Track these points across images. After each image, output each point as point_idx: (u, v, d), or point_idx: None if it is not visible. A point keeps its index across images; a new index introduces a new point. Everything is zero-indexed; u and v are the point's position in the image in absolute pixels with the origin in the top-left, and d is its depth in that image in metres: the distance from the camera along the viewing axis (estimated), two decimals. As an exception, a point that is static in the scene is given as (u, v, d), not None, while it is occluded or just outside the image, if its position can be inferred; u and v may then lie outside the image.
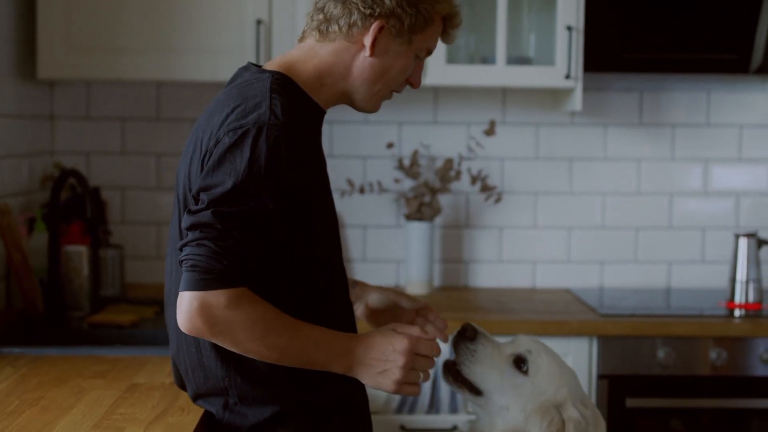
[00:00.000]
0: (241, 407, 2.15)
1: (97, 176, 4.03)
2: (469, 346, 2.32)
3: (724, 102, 4.16)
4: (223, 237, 1.96)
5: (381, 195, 4.08)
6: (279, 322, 2.04)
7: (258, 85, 2.11)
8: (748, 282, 3.77)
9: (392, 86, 2.26)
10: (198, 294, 1.96)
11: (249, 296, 2.00)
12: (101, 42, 3.66)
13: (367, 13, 2.15)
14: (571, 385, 2.30)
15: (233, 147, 2.01)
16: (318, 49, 2.21)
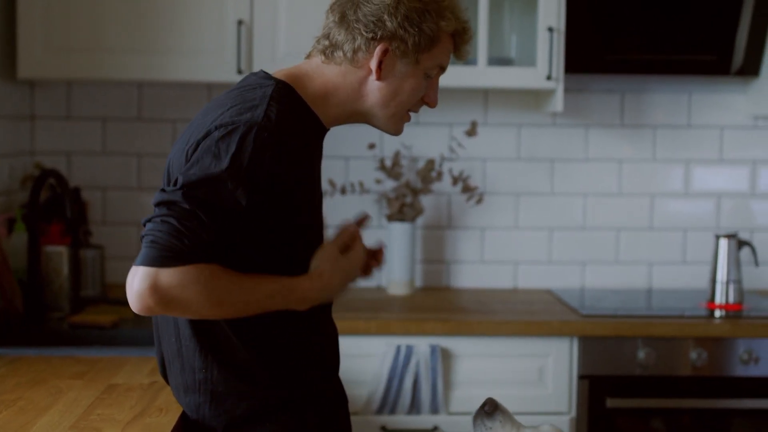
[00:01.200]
0: (216, 402, 2.14)
1: (78, 176, 4.01)
2: (486, 423, 2.24)
3: (705, 103, 4.18)
4: (188, 217, 1.95)
5: (362, 195, 4.08)
6: (233, 288, 2.02)
7: (260, 90, 2.12)
8: (729, 283, 3.79)
9: (406, 107, 2.26)
10: (152, 271, 1.93)
11: (202, 273, 1.96)
12: (82, 42, 3.65)
13: (370, 36, 2.16)
14: None
15: (220, 141, 2.01)
16: (325, 69, 2.22)
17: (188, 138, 2.11)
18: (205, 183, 1.98)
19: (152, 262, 1.93)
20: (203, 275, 1.96)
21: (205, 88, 4.03)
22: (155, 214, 1.98)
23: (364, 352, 3.42)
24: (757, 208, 4.20)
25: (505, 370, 3.48)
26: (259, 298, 2.06)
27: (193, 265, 1.95)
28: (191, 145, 2.06)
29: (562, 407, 3.49)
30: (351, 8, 2.19)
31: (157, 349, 2.30)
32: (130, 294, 1.96)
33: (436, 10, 2.19)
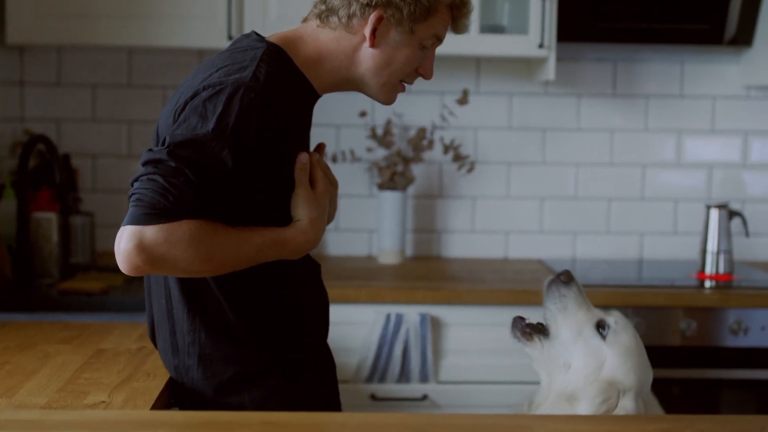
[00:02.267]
0: (204, 365, 2.14)
1: (68, 143, 3.99)
2: (561, 290, 2.25)
3: (698, 73, 4.16)
4: (174, 174, 1.94)
5: (354, 164, 4.07)
6: (222, 243, 2.00)
7: (250, 52, 2.11)
8: (719, 253, 3.79)
9: (400, 76, 2.24)
10: (137, 229, 1.92)
11: (189, 229, 1.95)
12: (72, 7, 3.62)
13: (365, 2, 2.14)
14: (642, 375, 2.18)
15: (207, 101, 1.99)
16: (319, 33, 2.20)
17: (177, 99, 2.09)
18: (192, 143, 1.96)
19: (137, 220, 1.92)
20: (190, 231, 1.95)
21: (196, 54, 4.01)
22: (141, 173, 1.97)
23: (354, 320, 3.42)
24: (749, 179, 4.20)
25: (495, 339, 3.47)
26: (249, 251, 2.04)
27: (179, 222, 1.94)
28: (179, 106, 2.04)
29: (552, 376, 3.50)
30: None
31: (147, 312, 2.29)
32: (118, 254, 1.95)
33: None
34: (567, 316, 2.24)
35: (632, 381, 2.16)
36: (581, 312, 2.24)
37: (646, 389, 2.21)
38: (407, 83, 2.29)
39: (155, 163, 1.96)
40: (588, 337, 2.20)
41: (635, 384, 2.16)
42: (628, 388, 2.15)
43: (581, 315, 2.24)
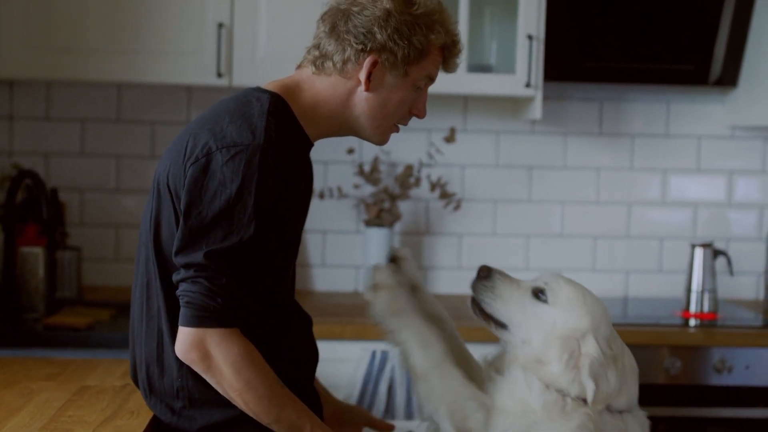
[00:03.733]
0: (190, 410, 2.15)
1: (56, 177, 4.00)
2: (486, 284, 2.29)
3: (683, 113, 4.20)
4: (216, 276, 2.02)
5: (341, 200, 4.08)
6: (265, 369, 2.07)
7: (256, 104, 2.13)
8: (704, 292, 3.80)
9: (395, 119, 2.28)
10: (193, 330, 2.03)
11: (241, 340, 2.05)
12: (61, 42, 3.64)
13: (360, 48, 2.17)
14: (595, 315, 2.21)
15: (225, 166, 2.03)
16: (315, 80, 2.23)
17: (183, 147, 2.11)
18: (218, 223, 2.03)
19: (190, 322, 2.03)
20: (242, 346, 2.05)
21: (185, 90, 4.03)
22: (184, 275, 2.06)
23: (340, 357, 3.42)
24: (734, 218, 4.23)
25: (480, 376, 3.47)
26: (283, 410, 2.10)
27: (233, 330, 2.04)
28: (190, 159, 2.07)
29: (537, 414, 3.50)
30: (342, 19, 2.20)
31: (130, 352, 2.30)
32: (178, 349, 2.08)
33: (427, 23, 2.20)
34: (505, 302, 2.27)
35: (586, 324, 2.19)
36: (515, 292, 2.27)
37: (603, 328, 2.22)
38: (401, 125, 2.32)
39: (196, 267, 2.03)
40: (532, 308, 2.23)
41: (589, 325, 2.19)
42: (585, 332, 2.18)
43: (516, 294, 2.27)
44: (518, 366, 2.21)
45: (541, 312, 2.22)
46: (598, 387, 2.13)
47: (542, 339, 2.20)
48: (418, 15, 2.19)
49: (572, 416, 2.14)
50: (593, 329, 2.18)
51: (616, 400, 2.19)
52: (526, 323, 2.22)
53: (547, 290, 2.24)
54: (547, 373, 2.18)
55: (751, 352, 3.52)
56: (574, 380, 2.15)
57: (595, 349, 2.15)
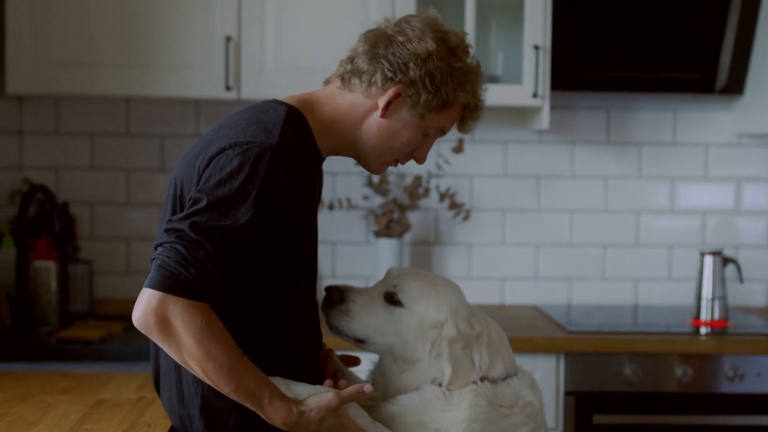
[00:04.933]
0: (207, 415, 2.15)
1: (66, 191, 4.02)
2: (341, 308, 2.27)
3: (690, 121, 4.21)
4: (194, 247, 1.98)
5: (350, 211, 4.10)
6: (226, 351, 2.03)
7: (273, 113, 2.15)
8: (714, 300, 3.81)
9: (396, 154, 2.28)
10: (158, 294, 1.97)
11: (206, 312, 2.01)
12: (70, 57, 3.66)
13: (389, 76, 2.18)
14: (451, 303, 2.24)
15: (234, 159, 2.03)
16: (337, 95, 2.24)
17: (198, 152, 2.13)
18: (213, 208, 2.01)
19: (158, 285, 1.98)
20: (206, 317, 2.00)
21: (193, 104, 4.04)
22: (165, 239, 2.02)
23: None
24: (742, 225, 4.23)
25: (492, 385, 3.48)
26: (244, 381, 2.05)
27: (200, 306, 1.99)
28: (203, 160, 2.08)
29: (549, 423, 3.50)
30: (384, 43, 2.21)
31: (152, 360, 2.31)
32: (135, 312, 2.01)
33: (460, 79, 2.21)
34: (362, 320, 2.26)
35: (444, 313, 2.22)
36: (368, 305, 2.27)
37: (461, 310, 2.25)
38: (400, 163, 2.33)
39: (178, 233, 2.00)
40: (389, 316, 2.24)
41: (448, 314, 2.22)
42: (443, 321, 2.20)
43: (370, 306, 2.26)
44: None
45: (399, 316, 2.24)
46: (455, 370, 2.18)
47: (405, 340, 2.23)
48: (455, 68, 2.20)
49: (459, 399, 2.18)
50: (452, 315, 2.22)
51: (494, 371, 2.24)
52: (387, 330, 2.24)
53: (397, 292, 2.25)
54: (416, 372, 2.22)
55: (762, 359, 3.53)
56: (438, 369, 2.20)
57: (454, 332, 2.19)
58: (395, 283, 2.27)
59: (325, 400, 2.11)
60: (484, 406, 2.18)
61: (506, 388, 2.24)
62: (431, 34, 2.20)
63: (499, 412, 2.20)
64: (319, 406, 2.10)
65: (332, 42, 3.70)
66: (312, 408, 2.10)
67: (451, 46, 2.22)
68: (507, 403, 2.22)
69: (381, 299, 2.26)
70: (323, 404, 2.11)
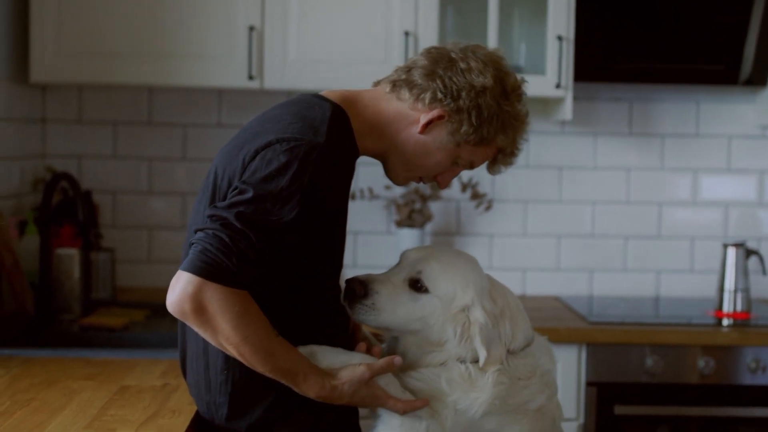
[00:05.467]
0: (235, 403, 2.16)
1: (89, 180, 4.03)
2: (366, 303, 2.24)
3: (713, 113, 4.19)
4: (238, 237, 1.99)
5: (372, 201, 4.10)
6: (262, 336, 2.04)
7: (318, 110, 2.15)
8: (737, 291, 3.80)
9: (422, 172, 2.29)
10: (197, 279, 1.97)
11: (244, 299, 2.01)
12: (93, 46, 3.67)
13: (439, 97, 2.19)
14: (475, 282, 2.23)
15: (282, 155, 2.04)
16: (384, 99, 2.25)
17: (242, 144, 2.14)
18: (261, 200, 2.01)
19: (199, 270, 1.98)
20: (243, 305, 2.01)
21: (216, 93, 4.05)
22: (208, 225, 2.02)
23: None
24: (765, 217, 4.22)
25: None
26: (279, 360, 2.07)
27: (238, 292, 2.00)
28: (248, 153, 2.09)
29: (570, 414, 3.50)
30: (444, 64, 2.21)
31: (180, 346, 2.32)
32: (170, 295, 2.00)
33: (504, 122, 2.22)
34: (388, 312, 2.24)
35: (470, 296, 2.21)
36: (394, 295, 2.24)
37: (484, 287, 2.25)
38: (424, 182, 2.35)
39: (222, 221, 2.01)
40: (414, 304, 2.23)
41: (474, 295, 2.21)
42: (470, 303, 2.20)
43: (396, 297, 2.24)
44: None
45: (425, 302, 2.23)
46: (490, 352, 2.17)
47: (433, 324, 2.22)
48: (503, 110, 2.21)
49: (484, 379, 2.18)
50: (478, 295, 2.22)
51: (514, 342, 2.24)
52: (415, 317, 2.23)
53: (422, 278, 2.24)
54: (445, 351, 2.22)
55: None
56: (469, 350, 2.20)
57: (482, 316, 2.19)
58: (418, 269, 2.25)
59: (358, 373, 2.12)
60: (506, 382, 2.18)
61: (525, 359, 2.24)
62: (492, 70, 2.21)
63: (518, 385, 2.20)
64: (351, 379, 2.12)
65: (354, 35, 3.72)
66: (345, 381, 2.11)
67: (506, 89, 2.22)
68: (526, 375, 2.22)
69: (405, 287, 2.25)
70: (356, 377, 2.12)
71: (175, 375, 2.64)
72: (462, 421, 2.18)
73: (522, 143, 2.29)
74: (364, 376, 2.12)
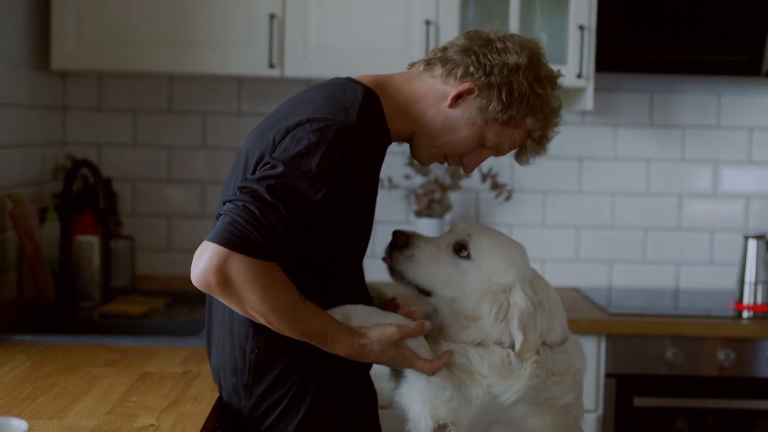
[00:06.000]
0: (255, 387, 2.16)
1: (108, 168, 4.04)
2: (404, 253, 2.25)
3: (735, 104, 4.17)
4: (268, 210, 1.99)
5: (391, 191, 4.09)
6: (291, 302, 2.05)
7: (350, 93, 2.15)
8: (757, 284, 3.78)
9: (449, 149, 2.26)
10: (223, 251, 1.96)
11: (271, 270, 2.01)
12: (114, 34, 3.67)
13: (471, 71, 2.18)
14: (519, 266, 2.24)
15: (312, 134, 2.04)
16: (416, 78, 2.24)
17: (273, 125, 2.14)
18: (291, 176, 2.01)
19: (227, 242, 1.97)
20: (269, 277, 2.00)
21: (236, 81, 4.05)
22: (238, 197, 2.02)
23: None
24: (786, 210, 4.20)
25: (532, 366, 3.47)
26: (307, 325, 2.08)
27: (264, 263, 1.99)
28: (279, 132, 2.09)
29: (590, 405, 3.50)
30: (481, 43, 2.21)
31: (206, 328, 2.32)
32: (195, 267, 2.00)
33: (534, 106, 2.20)
34: (426, 268, 2.25)
35: (512, 276, 2.21)
36: (435, 254, 2.25)
37: (527, 272, 2.25)
38: (449, 162, 2.31)
39: (253, 194, 2.00)
40: (455, 267, 2.23)
41: (516, 277, 2.21)
42: (511, 284, 2.20)
43: (437, 256, 2.25)
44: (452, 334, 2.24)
45: (466, 269, 2.23)
46: (526, 338, 2.16)
47: (470, 296, 2.22)
48: (535, 92, 2.19)
49: (522, 369, 2.17)
50: (519, 279, 2.21)
51: (552, 336, 2.24)
52: (452, 282, 2.23)
53: (469, 244, 2.24)
54: (478, 329, 2.21)
55: (805, 344, 3.51)
56: (504, 332, 2.19)
57: (523, 301, 2.18)
58: (469, 232, 2.26)
59: (388, 334, 2.13)
60: (542, 376, 2.19)
61: (561, 355, 2.24)
62: (528, 53, 2.20)
63: (552, 380, 2.20)
64: (381, 338, 2.13)
65: (375, 22, 3.71)
66: (374, 341, 2.12)
67: (540, 74, 2.21)
68: (560, 371, 2.22)
69: (449, 250, 2.25)
70: (385, 337, 2.13)
71: (196, 362, 2.64)
72: (491, 402, 2.17)
73: (552, 133, 2.27)
74: (394, 336, 2.13)
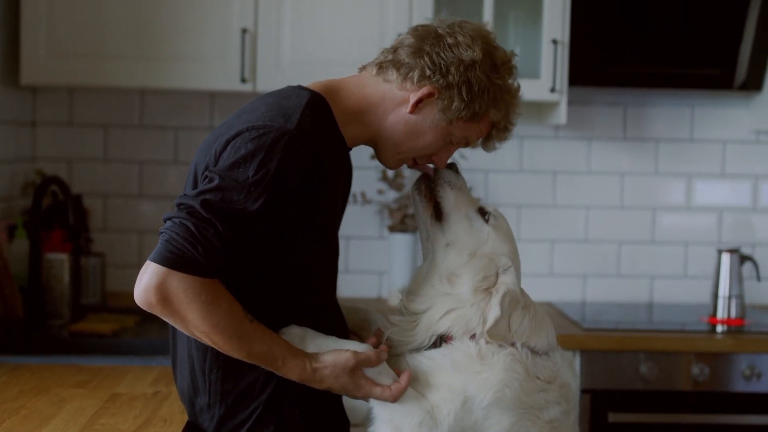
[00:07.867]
0: (221, 406, 2.12)
1: (79, 183, 4.00)
2: (452, 176, 2.27)
3: (708, 117, 4.18)
4: (204, 225, 1.96)
5: (364, 206, 4.07)
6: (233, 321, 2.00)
7: (295, 99, 2.12)
8: (731, 297, 3.78)
9: (415, 153, 2.24)
10: (162, 269, 1.94)
11: (212, 288, 1.97)
12: (84, 48, 3.64)
13: (427, 74, 2.15)
14: (518, 264, 2.25)
15: (250, 142, 2.00)
16: (369, 83, 2.21)
17: (217, 137, 2.11)
18: (227, 189, 1.98)
19: (164, 261, 1.94)
20: (211, 293, 1.97)
21: (208, 96, 4.02)
22: (174, 214, 1.99)
23: (366, 364, 3.40)
24: (759, 223, 4.20)
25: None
26: (255, 346, 2.04)
27: (204, 281, 1.96)
28: (220, 144, 2.06)
29: (564, 421, 3.48)
30: (431, 40, 2.17)
31: (171, 350, 2.28)
32: (138, 286, 1.98)
33: (496, 96, 2.18)
34: (459, 197, 2.26)
35: (510, 264, 2.21)
36: (467, 197, 2.28)
37: (519, 278, 2.25)
38: (417, 164, 2.29)
39: (189, 209, 1.97)
40: (472, 219, 2.24)
41: (513, 267, 2.21)
42: (507, 267, 2.20)
43: (467, 200, 2.28)
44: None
45: (479, 227, 2.24)
46: (501, 316, 2.13)
47: (468, 249, 2.21)
48: (494, 83, 2.16)
49: (494, 361, 2.13)
50: (516, 270, 2.22)
51: (536, 341, 2.21)
52: (461, 227, 2.23)
53: (491, 215, 2.26)
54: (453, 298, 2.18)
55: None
56: (479, 304, 2.16)
57: (513, 283, 2.18)
58: (494, 209, 2.28)
59: (342, 359, 2.08)
60: (521, 373, 2.13)
61: (546, 362, 2.20)
62: (481, 44, 2.16)
63: (535, 384, 2.15)
64: (334, 364, 2.08)
65: (349, 36, 3.69)
66: (327, 366, 2.08)
67: (496, 62, 2.18)
68: (545, 377, 2.18)
69: (473, 206, 2.27)
70: (339, 363, 2.08)
71: (167, 382, 2.61)
72: (466, 419, 2.12)
73: (515, 117, 2.25)
74: (349, 362, 2.08)
